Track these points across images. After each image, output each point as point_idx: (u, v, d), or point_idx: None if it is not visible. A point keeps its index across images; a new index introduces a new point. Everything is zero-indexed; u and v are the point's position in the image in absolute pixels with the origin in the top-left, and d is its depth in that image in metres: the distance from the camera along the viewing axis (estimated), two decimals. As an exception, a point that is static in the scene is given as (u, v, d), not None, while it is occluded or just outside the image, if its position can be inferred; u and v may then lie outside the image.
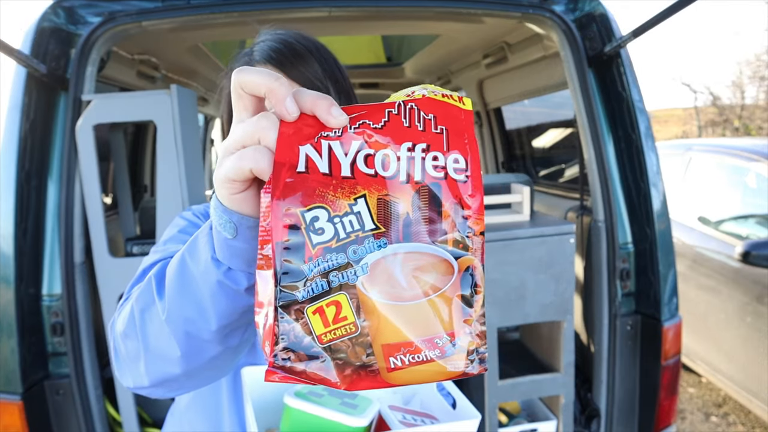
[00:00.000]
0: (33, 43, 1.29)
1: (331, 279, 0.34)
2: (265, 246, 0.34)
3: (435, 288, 0.34)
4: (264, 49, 0.75)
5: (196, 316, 0.46)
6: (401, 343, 0.34)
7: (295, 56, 0.74)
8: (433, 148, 0.35)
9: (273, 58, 0.74)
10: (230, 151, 0.38)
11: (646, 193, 1.49)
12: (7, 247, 1.23)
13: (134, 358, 0.52)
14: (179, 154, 1.33)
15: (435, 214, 0.34)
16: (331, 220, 0.33)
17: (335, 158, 0.34)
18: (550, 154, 2.87)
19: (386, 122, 0.35)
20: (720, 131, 11.75)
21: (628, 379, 1.57)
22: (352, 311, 0.34)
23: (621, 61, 1.50)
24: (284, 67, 0.73)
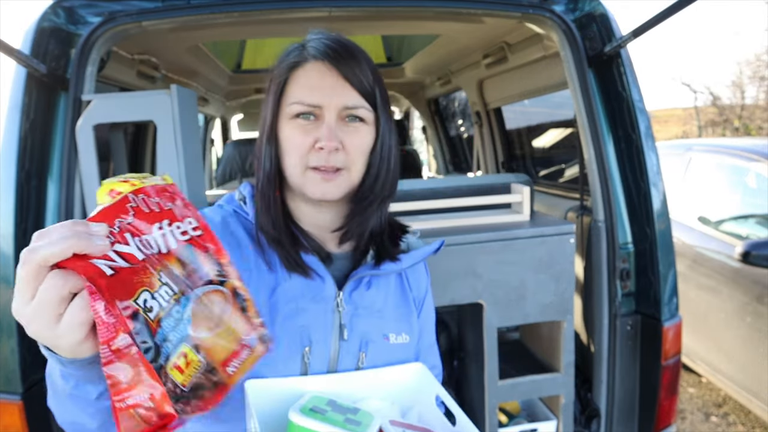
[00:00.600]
0: (33, 43, 1.29)
1: (172, 339, 0.44)
2: (112, 342, 0.41)
3: (223, 309, 0.48)
4: (319, 46, 0.76)
5: (72, 417, 0.55)
6: (231, 354, 0.48)
7: (350, 56, 0.75)
8: (173, 220, 0.48)
9: (329, 55, 0.74)
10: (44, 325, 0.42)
11: (646, 193, 1.49)
12: (7, 247, 1.23)
13: None
14: (179, 154, 1.33)
15: (197, 264, 0.48)
16: (155, 296, 0.43)
17: (126, 253, 0.43)
18: (550, 154, 2.87)
19: (134, 215, 0.45)
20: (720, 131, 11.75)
21: (628, 379, 1.57)
22: (194, 352, 0.45)
23: (621, 61, 1.50)
24: (339, 64, 0.74)
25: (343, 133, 0.75)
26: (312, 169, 0.75)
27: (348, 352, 0.80)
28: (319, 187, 0.75)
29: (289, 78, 0.76)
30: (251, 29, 2.05)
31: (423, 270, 0.95)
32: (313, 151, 0.74)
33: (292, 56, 0.77)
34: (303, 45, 0.78)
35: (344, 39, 0.78)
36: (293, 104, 0.75)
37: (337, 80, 0.74)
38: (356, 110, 0.75)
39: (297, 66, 0.76)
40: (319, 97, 0.74)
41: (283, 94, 0.77)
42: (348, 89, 0.74)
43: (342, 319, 0.80)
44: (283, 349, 0.75)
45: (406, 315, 0.87)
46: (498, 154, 3.13)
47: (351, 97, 0.75)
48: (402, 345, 0.85)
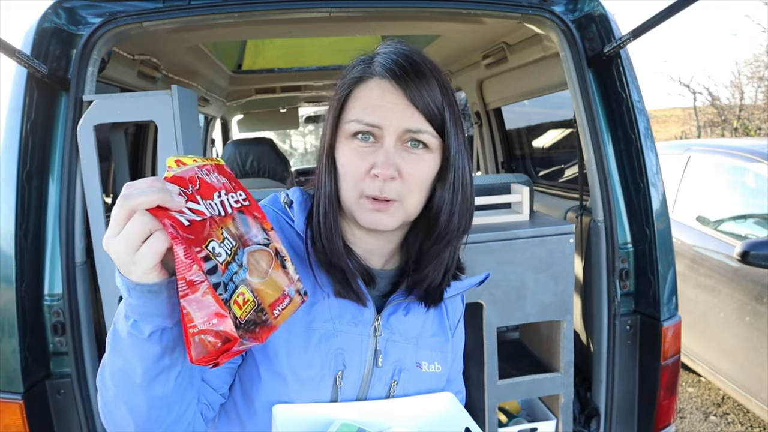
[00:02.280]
0: (34, 43, 1.29)
1: (235, 280, 0.52)
2: (188, 275, 0.49)
3: (269, 264, 0.58)
4: (386, 61, 0.70)
5: (127, 367, 0.59)
6: (276, 300, 0.57)
7: (418, 74, 0.69)
8: (228, 191, 0.57)
9: (395, 72, 0.69)
10: (131, 247, 0.50)
11: (646, 193, 1.50)
12: (8, 246, 1.24)
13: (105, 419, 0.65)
14: (180, 154, 1.34)
15: (247, 227, 0.57)
16: (221, 245, 0.52)
17: (197, 210, 0.52)
18: (549, 154, 2.88)
19: (200, 183, 0.55)
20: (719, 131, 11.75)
21: (628, 379, 1.57)
22: (250, 293, 0.53)
23: (621, 61, 1.51)
24: (404, 83, 0.68)
25: (402, 159, 0.69)
26: (366, 198, 0.70)
27: (380, 379, 0.77)
28: (372, 217, 0.70)
29: (350, 94, 0.71)
30: (251, 29, 2.06)
31: (459, 297, 0.91)
32: (368, 178, 0.69)
33: (356, 70, 0.72)
34: (371, 58, 0.73)
35: (416, 54, 0.72)
36: (351, 122, 0.70)
37: (400, 100, 0.68)
38: (419, 135, 0.69)
39: (360, 81, 0.71)
40: (379, 117, 0.68)
41: (342, 111, 0.72)
42: (411, 111, 0.68)
43: (378, 344, 0.77)
44: (317, 370, 0.73)
45: (441, 344, 0.84)
46: (498, 155, 3.14)
47: (414, 121, 0.68)
48: (434, 374, 0.82)
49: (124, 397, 0.60)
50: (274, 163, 2.58)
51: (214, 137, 4.32)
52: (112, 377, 0.60)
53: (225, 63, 2.93)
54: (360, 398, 0.77)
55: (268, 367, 0.73)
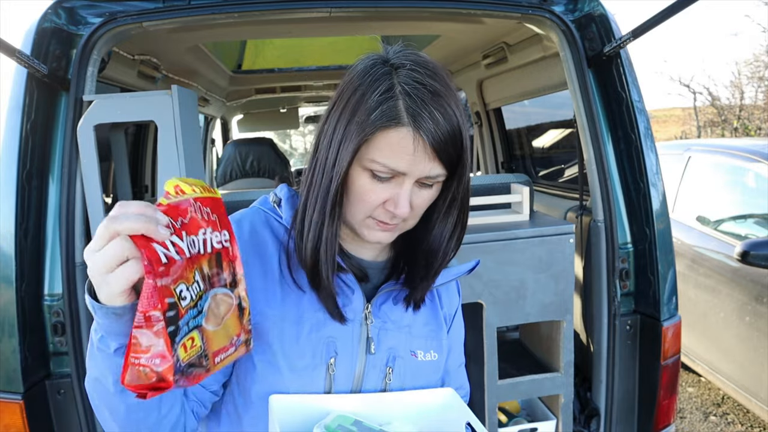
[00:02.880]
0: (34, 43, 1.29)
1: (190, 324, 0.53)
2: (147, 312, 0.50)
3: (227, 311, 0.59)
4: (415, 109, 0.66)
5: (98, 372, 0.61)
6: (221, 348, 0.58)
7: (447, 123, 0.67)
8: (214, 229, 0.58)
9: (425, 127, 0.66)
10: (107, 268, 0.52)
11: (646, 193, 1.50)
12: (8, 246, 1.24)
13: None
14: (180, 154, 1.34)
15: (220, 269, 0.58)
16: (188, 289, 0.53)
17: (179, 247, 0.53)
18: (549, 154, 2.88)
19: (190, 218, 0.55)
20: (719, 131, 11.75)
21: (628, 379, 1.57)
22: (199, 339, 0.55)
23: (621, 61, 1.51)
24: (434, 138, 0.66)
25: (414, 195, 0.71)
26: (373, 219, 0.73)
27: (374, 367, 0.78)
28: (376, 235, 0.74)
29: (377, 134, 0.68)
30: (251, 29, 2.06)
31: (455, 288, 0.93)
32: (380, 208, 0.71)
33: (384, 108, 0.67)
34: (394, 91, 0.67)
35: (441, 90, 0.68)
36: (375, 163, 0.68)
37: (427, 153, 0.67)
38: (436, 179, 0.71)
39: (388, 128, 0.67)
40: (405, 166, 0.68)
41: (365, 145, 0.69)
42: (435, 162, 0.69)
43: (370, 332, 0.78)
44: (309, 359, 0.74)
45: (436, 332, 0.85)
46: (498, 155, 3.14)
47: (435, 169, 0.69)
48: (430, 362, 0.83)
49: (103, 401, 0.63)
50: (274, 163, 2.58)
51: (214, 137, 4.32)
52: (91, 384, 0.63)
53: (225, 63, 2.92)
54: (355, 386, 0.78)
55: (263, 357, 0.74)
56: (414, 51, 0.73)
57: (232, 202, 1.62)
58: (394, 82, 0.68)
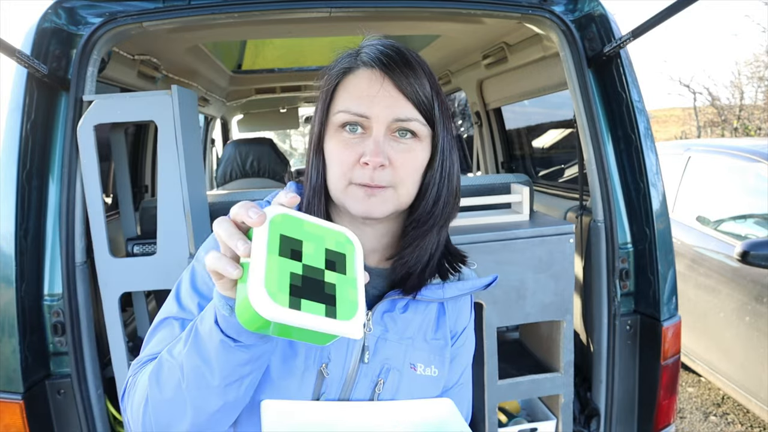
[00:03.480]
0: (34, 43, 1.30)
1: None
2: None
3: None
4: (373, 53, 0.70)
5: (204, 368, 0.60)
6: None
7: (406, 64, 0.69)
8: None
9: (382, 61, 0.68)
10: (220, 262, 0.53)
11: (646, 193, 1.50)
12: (8, 246, 1.24)
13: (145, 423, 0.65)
14: (180, 154, 1.34)
15: None
16: None
17: None
18: (549, 154, 2.88)
19: None
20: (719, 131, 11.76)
21: (628, 379, 1.57)
22: None
23: (621, 61, 1.51)
24: (392, 72, 0.68)
25: (391, 148, 0.68)
26: (355, 185, 0.69)
27: (365, 376, 0.76)
28: (362, 204, 0.69)
29: (338, 85, 0.71)
30: (251, 29, 2.06)
31: (466, 303, 0.88)
32: (357, 167, 0.68)
33: (343, 62, 0.72)
34: (357, 51, 0.72)
35: (402, 46, 0.71)
36: (339, 113, 0.69)
37: (388, 89, 0.68)
38: (408, 123, 0.68)
39: (347, 72, 0.71)
40: (367, 106, 0.67)
41: (331, 103, 0.71)
42: (400, 100, 0.68)
43: (366, 340, 0.75)
44: (301, 361, 0.73)
45: (440, 347, 0.82)
46: (498, 155, 3.14)
47: (403, 109, 0.68)
48: (430, 378, 0.80)
49: (191, 396, 0.61)
50: (274, 163, 2.58)
51: (214, 137, 4.32)
52: (185, 377, 0.61)
53: (225, 63, 2.93)
54: (344, 394, 0.75)
55: None
56: (384, 36, 0.75)
57: (232, 202, 1.62)
58: (356, 54, 0.73)
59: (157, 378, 0.64)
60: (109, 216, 1.80)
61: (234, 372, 0.60)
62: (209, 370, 0.60)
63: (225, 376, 0.60)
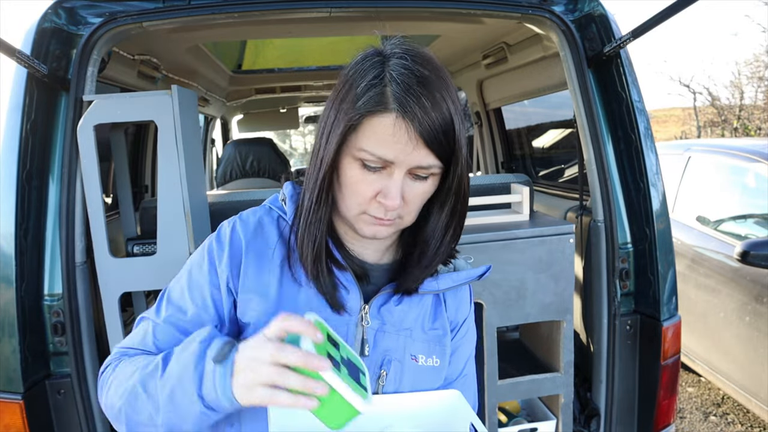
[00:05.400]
0: (34, 43, 1.29)
1: None
2: None
3: None
4: (402, 94, 0.66)
5: (179, 422, 0.66)
6: None
7: (435, 108, 0.66)
8: None
9: (412, 110, 0.65)
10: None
11: (646, 193, 1.50)
12: (8, 246, 1.24)
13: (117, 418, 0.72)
14: (180, 154, 1.34)
15: None
16: None
17: None
18: (549, 154, 2.88)
19: None
20: (719, 131, 11.76)
21: (628, 379, 1.57)
22: None
23: (621, 61, 1.51)
24: (422, 124, 0.66)
25: (407, 186, 0.70)
26: (368, 215, 0.72)
27: (368, 369, 0.76)
28: (371, 229, 0.73)
29: (364, 121, 0.68)
30: (251, 29, 2.06)
31: (466, 294, 0.90)
32: (373, 202, 0.71)
33: (372, 96, 0.67)
34: (383, 78, 0.67)
35: (431, 79, 0.67)
36: (363, 152, 0.68)
37: (414, 141, 0.66)
38: (428, 170, 0.70)
39: (375, 113, 0.67)
40: (393, 154, 0.67)
41: (353, 133, 0.69)
42: (425, 151, 0.67)
43: (365, 333, 0.77)
44: None
45: (439, 337, 0.83)
46: (498, 155, 3.14)
47: (426, 158, 0.68)
48: (432, 368, 0.81)
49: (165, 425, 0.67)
50: (274, 163, 2.58)
51: (214, 137, 4.32)
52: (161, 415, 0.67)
53: (225, 63, 2.92)
54: None
55: None
56: (409, 42, 0.73)
57: (232, 202, 1.62)
58: (383, 70, 0.68)
59: (133, 405, 0.69)
60: (109, 216, 1.80)
61: (207, 425, 0.67)
62: (183, 423, 0.66)
63: (198, 429, 0.66)
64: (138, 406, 0.68)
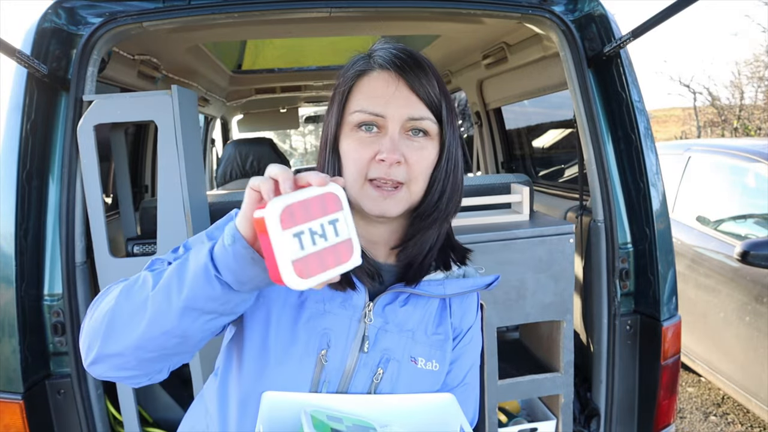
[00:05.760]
0: (34, 43, 1.29)
1: None
2: None
3: None
4: (386, 55, 0.74)
5: (175, 284, 0.61)
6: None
7: (417, 66, 0.73)
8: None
9: (396, 64, 0.73)
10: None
11: (646, 193, 1.50)
12: (8, 246, 1.24)
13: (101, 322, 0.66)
14: (180, 154, 1.34)
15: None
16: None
17: None
18: (549, 154, 2.88)
19: None
20: (719, 131, 11.76)
21: (628, 379, 1.57)
22: None
23: (621, 61, 1.51)
24: (406, 73, 0.72)
25: (406, 146, 0.72)
26: (371, 183, 0.72)
27: (365, 365, 0.77)
28: (378, 205, 0.72)
29: (353, 87, 0.75)
30: (251, 29, 2.06)
31: (473, 303, 0.89)
32: (373, 163, 0.72)
33: (358, 65, 0.76)
34: (369, 54, 0.77)
35: (412, 50, 0.76)
36: (355, 113, 0.73)
37: (402, 90, 0.72)
38: (421, 122, 0.72)
39: (362, 74, 0.75)
40: (383, 106, 0.71)
41: (346, 103, 0.75)
42: (413, 99, 0.72)
43: (367, 330, 0.77)
44: (301, 347, 0.74)
45: (441, 342, 0.83)
46: (498, 155, 3.14)
47: (416, 108, 0.72)
48: (430, 372, 0.81)
49: (152, 308, 0.63)
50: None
51: (214, 137, 4.32)
52: (155, 289, 0.63)
53: (225, 63, 2.93)
54: (343, 382, 0.77)
55: (255, 335, 0.75)
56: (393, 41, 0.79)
57: (232, 202, 1.62)
58: (369, 55, 0.77)
59: (129, 289, 0.66)
60: (109, 216, 1.80)
61: (198, 301, 0.61)
62: (178, 288, 0.61)
63: (188, 298, 0.61)
64: (133, 293, 0.65)
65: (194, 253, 0.63)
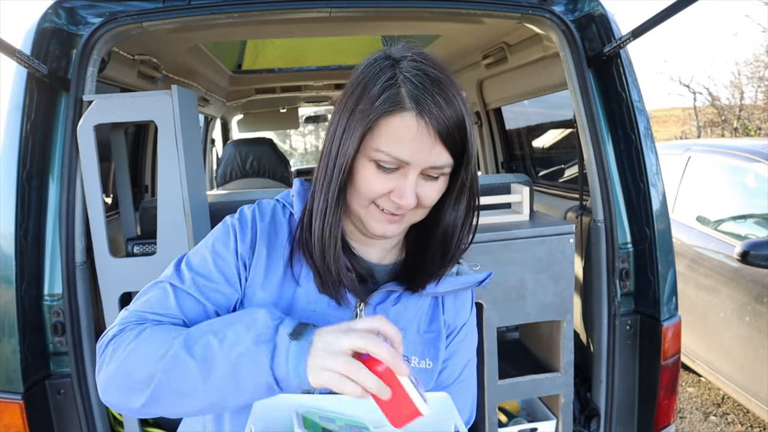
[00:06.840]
0: (34, 43, 1.29)
1: None
2: None
3: None
4: (418, 93, 0.67)
5: (231, 392, 0.63)
6: None
7: (448, 104, 0.68)
8: None
9: (427, 109, 0.66)
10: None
11: (646, 193, 1.50)
12: (8, 246, 1.24)
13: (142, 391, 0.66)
14: (180, 154, 1.34)
15: None
16: None
17: None
18: (549, 154, 2.88)
19: None
20: (719, 131, 11.76)
21: (628, 379, 1.57)
22: None
23: (621, 61, 1.51)
24: (437, 121, 0.67)
25: (420, 186, 0.71)
26: (377, 206, 0.73)
27: None
28: (382, 227, 0.73)
29: (380, 120, 0.68)
30: (251, 29, 2.06)
31: (467, 299, 0.90)
32: (385, 197, 0.71)
33: (387, 95, 0.68)
34: (396, 79, 0.68)
35: (441, 76, 0.69)
36: (379, 152, 0.69)
37: (431, 139, 0.68)
38: (442, 170, 0.71)
39: (391, 113, 0.68)
40: (409, 154, 0.68)
41: (370, 134, 0.69)
42: (439, 149, 0.69)
43: None
44: None
45: (434, 339, 0.83)
46: (498, 155, 3.14)
47: (440, 156, 0.69)
48: (424, 370, 0.81)
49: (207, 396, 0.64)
50: (274, 163, 2.58)
51: (214, 137, 4.32)
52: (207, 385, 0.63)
53: (225, 63, 2.92)
54: None
55: None
56: (415, 46, 0.74)
57: (232, 202, 1.62)
58: (396, 72, 0.69)
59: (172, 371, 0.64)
60: (109, 216, 1.80)
61: (255, 399, 0.65)
62: (235, 395, 0.63)
63: (243, 403, 0.64)
64: (179, 373, 0.63)
65: (247, 361, 0.62)
